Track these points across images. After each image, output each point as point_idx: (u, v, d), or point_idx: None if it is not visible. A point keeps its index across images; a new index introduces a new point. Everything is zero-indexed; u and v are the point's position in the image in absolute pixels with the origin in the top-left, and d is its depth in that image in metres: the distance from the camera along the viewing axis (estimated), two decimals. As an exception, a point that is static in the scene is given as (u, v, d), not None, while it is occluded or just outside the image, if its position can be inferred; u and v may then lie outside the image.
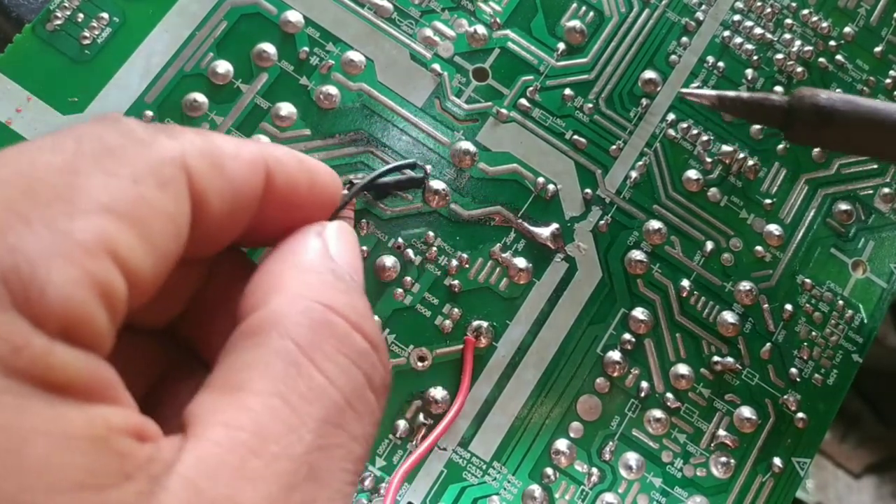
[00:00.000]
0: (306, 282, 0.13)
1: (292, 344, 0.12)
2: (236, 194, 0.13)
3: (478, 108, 0.24)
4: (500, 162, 0.24)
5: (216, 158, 0.13)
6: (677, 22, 0.26)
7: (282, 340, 0.12)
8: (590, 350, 0.23)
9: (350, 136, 0.23)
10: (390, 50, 0.24)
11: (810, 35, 0.26)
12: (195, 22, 0.23)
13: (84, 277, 0.10)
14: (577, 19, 0.25)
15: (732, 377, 0.23)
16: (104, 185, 0.11)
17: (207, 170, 0.13)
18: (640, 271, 0.23)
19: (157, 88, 0.23)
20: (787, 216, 0.25)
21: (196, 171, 0.12)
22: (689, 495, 0.22)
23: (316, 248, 0.14)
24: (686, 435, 0.23)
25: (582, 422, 0.22)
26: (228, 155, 0.13)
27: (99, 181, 0.11)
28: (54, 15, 0.23)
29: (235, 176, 0.13)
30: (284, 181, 0.14)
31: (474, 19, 0.25)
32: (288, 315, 0.12)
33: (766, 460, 0.23)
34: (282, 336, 0.12)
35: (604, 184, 0.24)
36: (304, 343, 0.12)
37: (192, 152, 0.12)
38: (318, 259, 0.14)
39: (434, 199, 0.23)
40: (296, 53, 0.23)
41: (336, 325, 0.13)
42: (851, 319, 0.24)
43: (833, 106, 0.18)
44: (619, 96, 0.25)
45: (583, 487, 0.22)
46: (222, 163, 0.13)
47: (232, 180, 0.13)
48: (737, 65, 0.25)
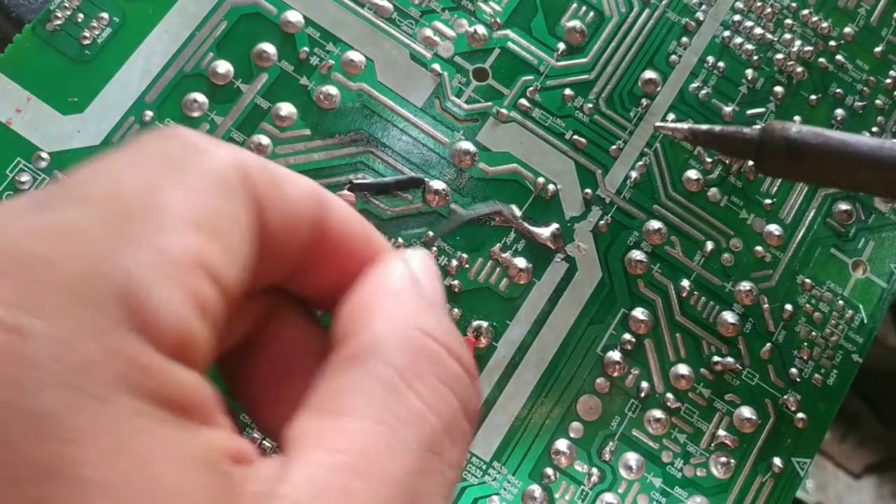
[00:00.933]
0: (402, 307, 0.13)
1: (392, 370, 0.12)
2: (293, 214, 0.13)
3: (478, 108, 0.24)
4: (500, 162, 0.24)
5: (273, 173, 0.13)
6: (677, 22, 0.26)
7: (382, 366, 0.12)
8: (590, 350, 0.23)
9: (350, 136, 0.23)
10: (390, 50, 0.24)
11: (810, 35, 0.26)
12: (195, 22, 0.23)
13: (188, 296, 0.10)
14: (578, 19, 0.25)
15: (732, 377, 0.23)
16: (181, 198, 0.11)
17: (266, 180, 0.13)
18: (641, 271, 0.23)
19: (157, 88, 0.23)
20: (787, 216, 0.25)
21: (256, 179, 0.12)
22: (689, 495, 0.22)
23: (404, 274, 0.14)
24: (686, 435, 0.23)
25: (582, 422, 0.22)
26: (285, 175, 0.13)
27: (176, 195, 0.11)
28: (54, 15, 0.23)
29: (292, 195, 0.13)
30: (339, 221, 0.14)
31: (474, 19, 0.25)
32: (388, 340, 0.12)
33: (766, 460, 0.23)
34: (382, 361, 0.12)
35: (604, 184, 0.24)
36: (403, 369, 0.12)
37: (251, 161, 0.12)
38: (409, 285, 0.14)
39: (434, 199, 0.23)
40: (296, 53, 0.23)
41: (434, 352, 0.13)
42: (851, 319, 0.24)
43: (804, 139, 0.18)
44: (619, 96, 0.25)
45: (583, 487, 0.22)
46: (279, 180, 0.13)
47: (289, 199, 0.13)
48: (737, 65, 0.26)
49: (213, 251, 0.11)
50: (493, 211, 0.21)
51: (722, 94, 0.25)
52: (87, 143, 0.22)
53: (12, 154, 0.22)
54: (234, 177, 0.12)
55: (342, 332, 0.13)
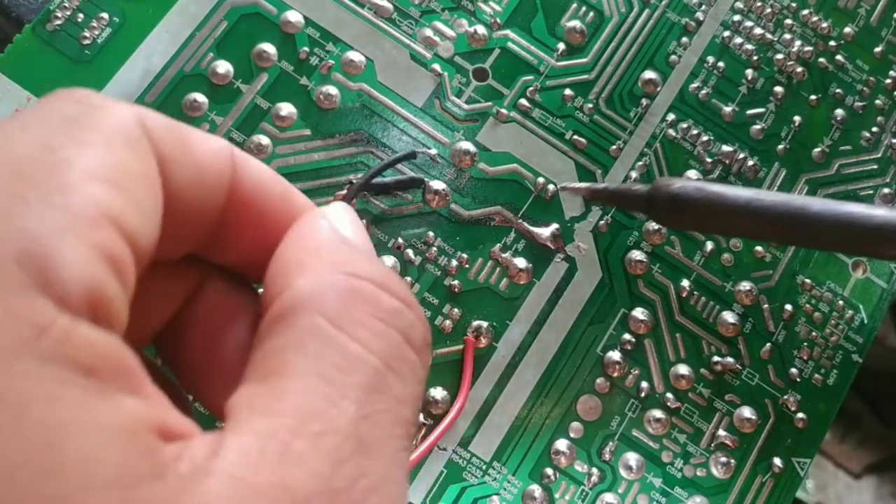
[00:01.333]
0: (324, 257, 0.13)
1: (322, 318, 0.12)
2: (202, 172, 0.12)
3: (478, 108, 0.24)
4: (500, 162, 0.24)
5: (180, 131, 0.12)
6: (677, 22, 0.26)
7: (311, 317, 0.12)
8: (590, 350, 0.23)
9: (350, 136, 0.23)
10: (390, 50, 0.24)
11: (810, 35, 0.26)
12: (195, 22, 0.23)
13: (95, 251, 0.10)
14: (578, 19, 0.25)
15: (732, 377, 0.23)
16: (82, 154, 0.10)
17: (171, 138, 0.12)
18: (640, 271, 0.23)
19: (157, 88, 0.23)
20: (787, 216, 0.25)
21: (160, 135, 0.12)
22: (689, 495, 0.22)
23: (325, 227, 0.13)
24: (686, 435, 0.23)
25: (582, 422, 0.22)
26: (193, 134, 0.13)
27: (76, 151, 0.10)
28: (54, 15, 0.23)
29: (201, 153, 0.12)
30: (255, 181, 0.13)
31: (474, 19, 0.25)
32: (313, 291, 0.12)
33: (766, 460, 0.23)
34: (310, 313, 0.12)
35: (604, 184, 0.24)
36: (333, 315, 0.12)
37: (154, 117, 0.12)
38: (330, 236, 0.13)
39: (434, 199, 0.23)
40: (296, 53, 0.23)
41: (362, 290, 0.12)
42: (851, 319, 0.24)
43: (686, 194, 0.20)
44: (619, 96, 0.25)
45: (583, 487, 0.22)
46: (186, 137, 0.12)
47: (197, 156, 0.12)
48: (737, 65, 0.26)
49: (119, 204, 0.10)
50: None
51: (722, 94, 0.25)
52: None
53: (12, 154, 0.22)
54: (136, 132, 0.11)
55: (269, 295, 0.12)
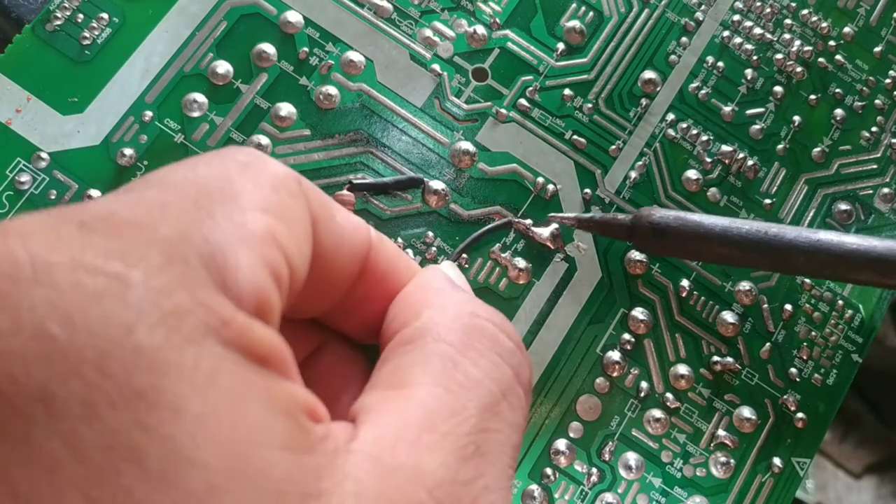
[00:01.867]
0: (448, 298, 0.15)
1: (447, 345, 0.13)
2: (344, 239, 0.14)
3: (477, 108, 0.24)
4: (499, 162, 0.24)
5: (326, 199, 0.14)
6: (677, 22, 0.26)
7: (437, 343, 0.13)
8: (589, 350, 0.23)
9: (350, 136, 0.23)
10: (390, 50, 0.24)
11: (810, 35, 0.26)
12: (195, 22, 0.23)
13: (263, 263, 0.11)
14: (577, 19, 0.25)
15: (732, 377, 0.23)
16: (254, 189, 0.12)
17: (319, 201, 0.14)
18: (640, 271, 0.23)
19: (156, 88, 0.23)
20: (786, 216, 0.25)
21: (311, 195, 0.13)
22: (688, 495, 0.22)
23: (443, 277, 0.16)
24: (686, 435, 0.23)
25: (581, 422, 0.22)
26: (337, 205, 0.14)
27: (249, 187, 0.12)
28: (54, 15, 0.23)
29: (344, 222, 0.14)
30: (387, 259, 0.15)
31: (474, 19, 0.25)
32: (440, 322, 0.14)
33: (765, 460, 0.23)
34: (436, 340, 0.13)
35: (603, 184, 0.24)
36: (458, 343, 0.13)
37: (307, 181, 0.13)
38: (449, 284, 0.15)
39: (433, 199, 0.23)
40: (295, 54, 0.24)
41: (484, 327, 0.14)
42: (851, 319, 0.24)
43: (666, 223, 0.21)
44: (618, 96, 0.25)
45: (582, 487, 0.22)
46: (331, 205, 0.14)
47: (339, 223, 0.14)
48: (736, 65, 0.26)
49: (282, 232, 0.12)
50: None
51: (721, 94, 0.25)
52: (87, 143, 0.22)
53: (12, 154, 0.22)
54: (297, 187, 0.13)
55: (393, 328, 0.14)
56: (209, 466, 0.09)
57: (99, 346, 0.09)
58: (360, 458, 0.11)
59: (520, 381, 0.14)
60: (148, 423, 0.09)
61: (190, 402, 0.09)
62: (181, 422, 0.09)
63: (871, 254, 0.20)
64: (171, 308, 0.10)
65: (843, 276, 0.21)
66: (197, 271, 0.10)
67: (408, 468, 0.11)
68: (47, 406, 0.09)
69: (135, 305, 0.10)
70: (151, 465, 0.09)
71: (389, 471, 0.11)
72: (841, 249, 0.20)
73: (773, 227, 0.21)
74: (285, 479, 0.10)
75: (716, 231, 0.20)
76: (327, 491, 0.10)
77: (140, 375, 0.09)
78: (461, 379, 0.13)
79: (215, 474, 0.09)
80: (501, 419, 0.13)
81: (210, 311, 0.10)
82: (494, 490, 0.12)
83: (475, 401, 0.12)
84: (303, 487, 0.10)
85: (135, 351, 0.09)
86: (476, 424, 0.12)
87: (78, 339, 0.09)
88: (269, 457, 0.10)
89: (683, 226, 0.21)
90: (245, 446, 0.10)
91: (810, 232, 0.20)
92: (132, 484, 0.09)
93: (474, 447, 0.12)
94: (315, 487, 0.10)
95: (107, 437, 0.09)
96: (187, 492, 0.09)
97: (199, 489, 0.09)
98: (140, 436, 0.09)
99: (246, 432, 0.10)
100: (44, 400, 0.09)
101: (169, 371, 0.09)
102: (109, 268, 0.10)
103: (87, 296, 0.09)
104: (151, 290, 0.10)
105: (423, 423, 0.12)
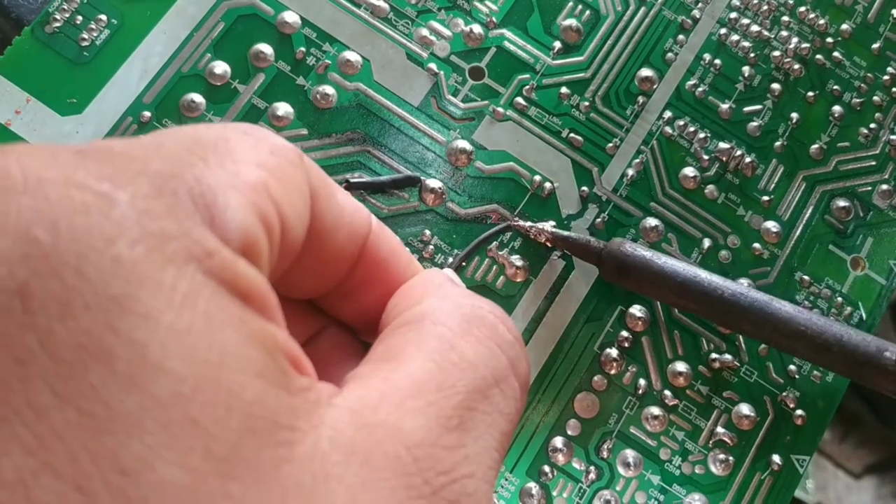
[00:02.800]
0: (450, 290, 0.15)
1: (445, 328, 0.13)
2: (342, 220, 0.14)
3: (474, 106, 0.24)
4: (496, 160, 0.24)
5: (327, 178, 0.14)
6: (673, 20, 0.26)
7: (435, 326, 0.13)
8: (587, 347, 0.23)
9: (347, 135, 0.23)
10: (387, 49, 0.24)
11: (807, 32, 0.26)
12: (192, 23, 0.23)
13: (253, 209, 0.11)
14: (574, 18, 0.25)
15: (730, 374, 0.23)
16: (251, 149, 0.12)
17: (320, 178, 0.14)
18: (638, 269, 0.23)
19: (155, 89, 0.23)
20: (784, 213, 0.25)
21: (312, 172, 0.13)
22: (687, 493, 0.22)
23: (445, 275, 0.16)
24: (684, 432, 0.23)
25: (579, 419, 0.22)
26: (339, 188, 0.14)
27: (247, 147, 0.12)
28: (53, 17, 0.23)
29: (343, 202, 0.14)
30: (389, 246, 0.15)
31: (470, 18, 0.25)
32: (440, 308, 0.14)
33: (764, 458, 0.23)
34: (435, 323, 0.13)
35: (600, 182, 0.24)
36: (456, 328, 0.13)
37: (308, 158, 0.14)
38: (450, 282, 0.16)
39: (430, 197, 0.23)
40: (292, 54, 0.24)
41: (485, 317, 0.14)
42: (850, 316, 0.24)
43: (632, 261, 0.22)
44: (615, 94, 0.25)
45: (580, 485, 0.22)
46: (332, 184, 0.14)
47: (339, 203, 0.14)
48: (734, 62, 0.26)
49: (277, 189, 0.12)
50: None
51: (719, 91, 0.25)
52: (86, 143, 0.22)
53: (11, 155, 0.22)
54: (295, 155, 0.13)
55: (393, 314, 0.14)
56: (177, 376, 0.09)
57: (80, 252, 0.09)
58: (341, 411, 0.11)
59: (515, 373, 0.14)
60: (119, 327, 0.09)
61: (164, 315, 0.10)
62: (153, 331, 0.09)
63: (816, 341, 0.21)
64: (154, 230, 0.10)
65: (787, 348, 0.22)
66: (185, 204, 0.10)
67: (388, 425, 0.11)
68: (24, 301, 0.09)
69: (118, 221, 0.10)
70: (119, 367, 0.09)
71: (369, 425, 0.11)
72: (787, 329, 0.21)
73: (731, 287, 0.22)
74: (256, 404, 0.10)
75: (675, 282, 0.21)
76: (301, 429, 0.10)
77: (117, 283, 0.09)
78: (455, 359, 0.13)
79: (182, 384, 0.09)
80: (491, 403, 0.13)
81: (194, 241, 0.10)
82: (476, 463, 0.12)
83: (466, 381, 0.12)
84: (275, 417, 0.10)
85: (114, 260, 0.09)
86: (463, 402, 0.12)
87: (60, 245, 0.09)
88: (240, 380, 0.10)
89: (645, 269, 0.22)
90: (216, 365, 0.10)
91: (767, 302, 0.21)
92: (99, 383, 0.09)
93: (458, 421, 0.12)
94: (288, 421, 0.10)
95: (79, 337, 0.09)
96: (153, 397, 0.09)
97: (164, 396, 0.09)
98: (111, 338, 0.09)
99: (219, 353, 0.10)
100: (21, 295, 0.09)
101: (146, 284, 0.10)
102: (98, 187, 0.10)
103: (74, 208, 0.10)
104: (137, 210, 0.10)
105: (408, 390, 0.12)
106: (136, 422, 0.09)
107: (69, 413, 0.09)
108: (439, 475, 0.11)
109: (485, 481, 0.12)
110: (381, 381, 0.12)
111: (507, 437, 0.13)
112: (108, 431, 0.09)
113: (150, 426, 0.09)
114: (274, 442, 0.10)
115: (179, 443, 0.09)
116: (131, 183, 0.10)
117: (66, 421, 0.09)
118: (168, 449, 0.09)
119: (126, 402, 0.09)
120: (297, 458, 0.10)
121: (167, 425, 0.09)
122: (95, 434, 0.09)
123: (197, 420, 0.09)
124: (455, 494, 0.11)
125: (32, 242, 0.09)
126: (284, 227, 0.12)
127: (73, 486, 0.09)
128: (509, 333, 0.14)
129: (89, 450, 0.09)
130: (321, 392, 0.11)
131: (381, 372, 0.12)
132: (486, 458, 0.12)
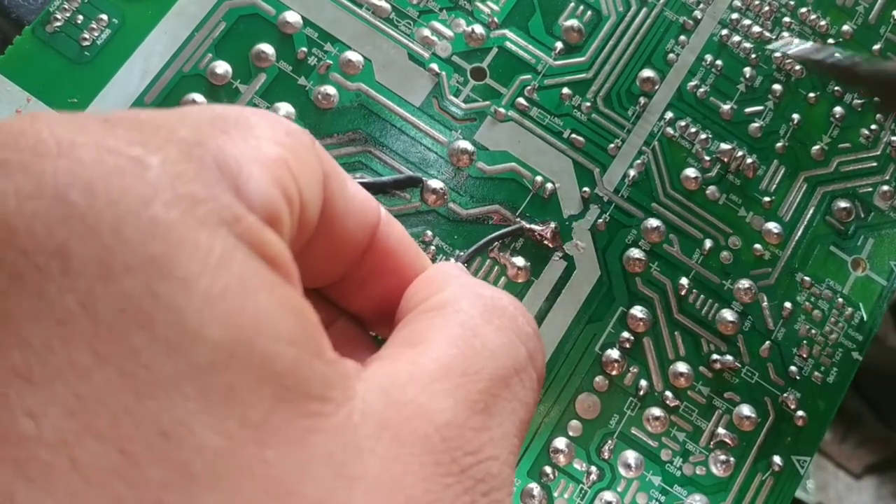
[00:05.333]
0: (470, 280, 0.15)
1: (467, 315, 0.13)
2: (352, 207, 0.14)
3: (476, 107, 0.24)
4: (498, 161, 0.24)
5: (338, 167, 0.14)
6: (675, 20, 0.26)
7: (458, 313, 0.13)
8: (588, 348, 0.23)
9: (348, 135, 0.23)
10: (388, 50, 0.24)
11: (808, 33, 0.26)
12: (194, 23, 0.23)
13: (275, 181, 0.11)
14: (575, 18, 0.25)
15: (731, 375, 0.23)
16: (268, 127, 0.12)
17: (332, 165, 0.14)
18: (639, 269, 0.23)
19: (156, 89, 0.23)
20: (786, 214, 0.25)
21: (324, 157, 0.13)
22: (688, 494, 0.22)
23: (460, 268, 0.16)
24: (685, 433, 0.23)
25: (580, 420, 0.22)
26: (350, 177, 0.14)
27: (264, 125, 0.12)
28: (54, 17, 0.23)
29: (354, 190, 0.14)
30: (397, 238, 0.15)
31: (472, 19, 0.25)
32: (463, 297, 0.14)
33: (765, 458, 0.23)
34: (457, 311, 0.13)
35: (602, 182, 0.24)
36: (478, 317, 0.13)
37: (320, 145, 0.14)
38: (467, 273, 0.16)
39: (432, 198, 0.23)
40: (294, 54, 0.24)
41: (506, 308, 0.14)
42: (851, 317, 0.24)
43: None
44: (617, 95, 0.25)
45: (581, 486, 0.22)
46: (342, 172, 0.14)
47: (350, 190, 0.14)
48: (735, 63, 0.26)
49: (295, 165, 0.12)
50: None
51: (720, 92, 0.25)
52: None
53: (12, 155, 0.22)
54: (308, 139, 0.13)
55: (413, 302, 0.14)
56: (213, 343, 0.09)
57: (117, 213, 0.09)
58: (372, 385, 0.11)
59: (534, 364, 0.14)
60: (159, 292, 0.09)
61: (201, 279, 0.10)
62: (190, 297, 0.09)
63: None
64: (186, 192, 0.10)
65: None
66: (212, 171, 0.11)
67: (416, 405, 0.11)
68: (65, 263, 0.09)
69: (152, 183, 0.10)
70: (160, 332, 0.09)
71: (398, 403, 0.11)
72: None
73: None
74: (288, 375, 0.10)
75: None
76: (334, 400, 0.10)
77: (155, 244, 0.09)
78: (478, 346, 0.13)
79: (218, 352, 0.09)
80: (511, 392, 0.13)
81: (224, 206, 0.10)
82: (499, 447, 0.12)
83: (489, 368, 0.13)
84: (307, 388, 0.10)
85: (151, 221, 0.09)
86: (487, 388, 0.12)
87: (97, 205, 0.09)
88: (274, 348, 0.10)
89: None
90: (251, 332, 0.10)
91: None
92: (141, 346, 0.09)
93: (484, 405, 0.12)
94: (321, 392, 0.10)
95: (120, 300, 0.09)
96: (190, 363, 0.09)
97: (201, 363, 0.09)
98: (151, 302, 0.09)
99: (253, 319, 0.10)
100: (61, 256, 0.09)
101: (183, 246, 0.10)
102: (130, 151, 0.10)
103: (108, 170, 0.10)
104: (169, 173, 0.10)
105: (435, 373, 0.12)
106: (176, 386, 0.09)
107: (111, 374, 0.09)
108: (466, 455, 0.11)
109: (507, 465, 0.12)
110: (408, 363, 0.12)
111: (525, 426, 0.13)
112: (150, 395, 0.09)
113: (189, 392, 0.09)
114: (307, 412, 0.10)
115: (217, 409, 0.09)
116: (160, 149, 0.10)
117: (107, 382, 0.09)
118: (207, 414, 0.09)
119: (166, 366, 0.09)
120: (329, 429, 0.10)
121: (205, 391, 0.09)
122: (137, 397, 0.09)
123: (233, 387, 0.09)
124: (482, 474, 0.11)
125: (70, 204, 0.09)
126: (302, 205, 0.12)
127: (115, 447, 0.09)
128: (528, 326, 0.14)
129: (131, 412, 0.09)
130: (349, 366, 0.11)
131: (406, 354, 0.12)
132: (508, 444, 0.12)
